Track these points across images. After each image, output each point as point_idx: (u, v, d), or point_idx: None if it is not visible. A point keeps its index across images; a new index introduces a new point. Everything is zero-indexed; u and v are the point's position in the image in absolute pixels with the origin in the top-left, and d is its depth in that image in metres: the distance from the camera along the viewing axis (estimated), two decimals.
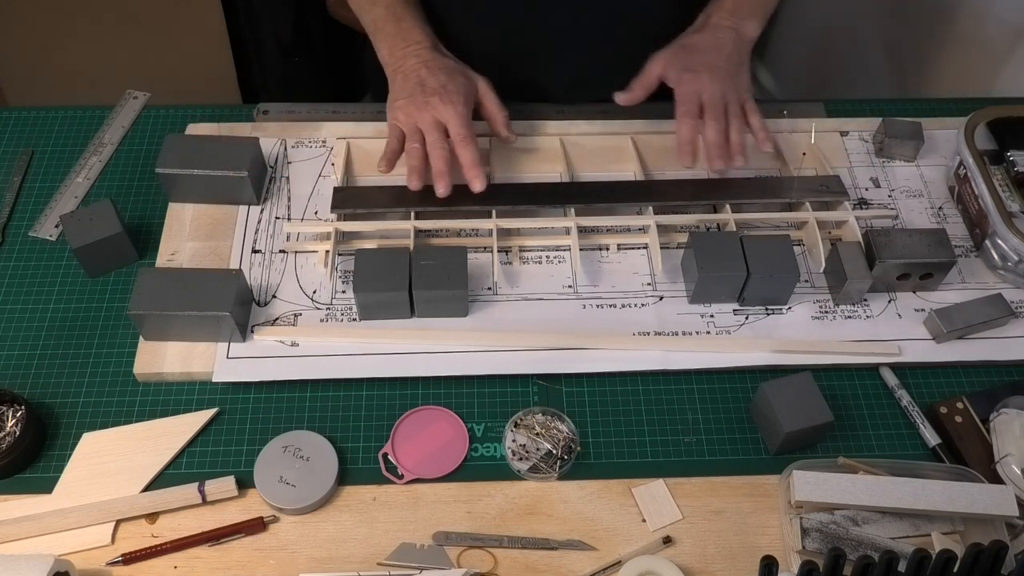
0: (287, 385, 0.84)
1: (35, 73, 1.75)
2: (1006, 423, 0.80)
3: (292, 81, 1.87)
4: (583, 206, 0.94)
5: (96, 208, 0.89)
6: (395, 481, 0.78)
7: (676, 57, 0.92)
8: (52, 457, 0.79)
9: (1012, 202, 0.94)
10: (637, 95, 0.94)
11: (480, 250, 0.93)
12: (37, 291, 0.90)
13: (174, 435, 0.80)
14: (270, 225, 0.94)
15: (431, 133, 0.88)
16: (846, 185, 0.97)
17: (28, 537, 0.74)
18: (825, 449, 0.82)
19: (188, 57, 1.75)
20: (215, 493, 0.76)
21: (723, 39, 0.93)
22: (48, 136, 1.03)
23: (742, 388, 0.85)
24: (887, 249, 0.88)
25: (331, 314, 0.87)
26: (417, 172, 0.87)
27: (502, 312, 0.88)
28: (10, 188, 0.98)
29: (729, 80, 0.91)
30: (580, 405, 0.84)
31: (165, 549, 0.74)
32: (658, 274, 0.91)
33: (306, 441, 0.79)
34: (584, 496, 0.78)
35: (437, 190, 0.87)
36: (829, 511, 0.76)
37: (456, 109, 0.88)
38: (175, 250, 0.92)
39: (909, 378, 0.86)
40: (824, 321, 0.89)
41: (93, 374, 0.84)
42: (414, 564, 0.74)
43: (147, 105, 1.07)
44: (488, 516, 0.77)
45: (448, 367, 0.84)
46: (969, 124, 0.98)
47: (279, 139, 1.01)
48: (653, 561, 0.73)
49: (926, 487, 0.75)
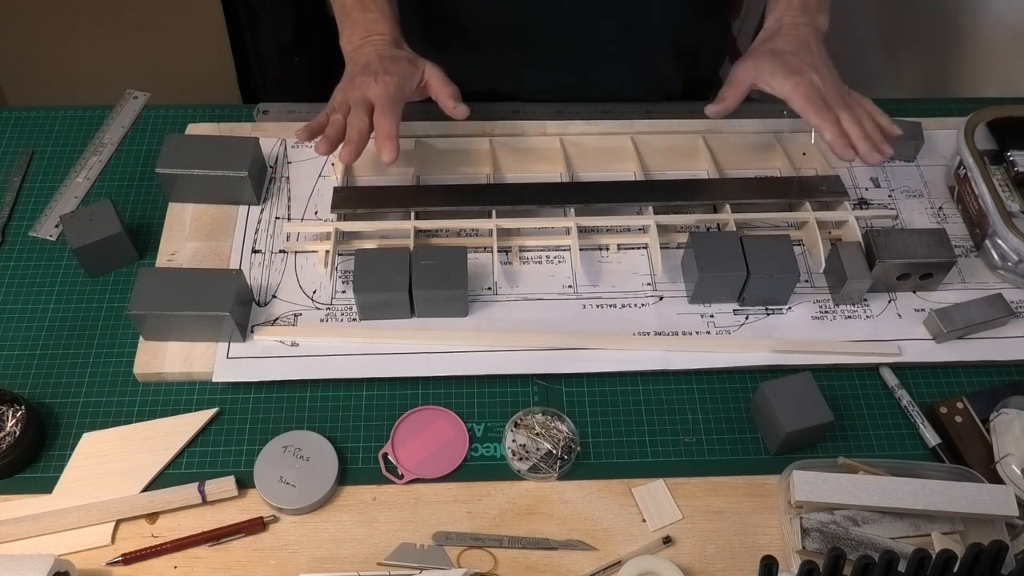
0: (287, 385, 0.84)
1: (35, 73, 1.74)
2: (1006, 423, 0.80)
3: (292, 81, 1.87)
4: (583, 206, 0.94)
5: (96, 208, 0.89)
6: (395, 481, 0.78)
7: (769, 63, 0.90)
8: (52, 457, 0.79)
9: (1012, 202, 0.94)
10: (730, 105, 0.92)
11: (480, 250, 0.93)
12: (37, 291, 0.90)
13: (174, 435, 0.80)
14: (270, 225, 0.94)
15: (355, 107, 0.86)
16: (846, 185, 0.97)
17: (28, 537, 0.74)
18: (825, 449, 0.82)
19: (188, 57, 1.75)
20: (215, 493, 0.76)
21: (806, 37, 0.92)
22: (48, 136, 1.03)
23: (742, 388, 0.85)
24: (887, 249, 0.88)
25: (331, 314, 0.87)
26: (328, 139, 0.85)
27: (502, 312, 0.88)
28: (10, 188, 0.98)
29: (832, 75, 0.91)
30: (580, 405, 0.84)
31: (165, 549, 0.74)
32: (658, 274, 0.91)
33: (306, 441, 0.79)
34: (584, 496, 0.78)
35: (341, 156, 0.85)
36: (829, 511, 0.76)
37: (386, 88, 0.87)
38: (175, 250, 0.92)
39: (909, 378, 0.86)
40: (824, 321, 0.89)
41: (93, 374, 0.84)
42: (414, 564, 0.74)
43: (147, 105, 1.07)
44: (488, 516, 0.77)
45: (448, 367, 0.84)
46: (969, 124, 0.98)
47: (279, 139, 1.01)
48: (653, 561, 0.73)
49: (926, 487, 0.75)
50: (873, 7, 1.63)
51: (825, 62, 0.91)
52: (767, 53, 0.92)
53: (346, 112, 0.86)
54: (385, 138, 0.84)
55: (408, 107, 0.91)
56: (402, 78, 0.88)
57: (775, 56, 0.91)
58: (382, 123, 0.85)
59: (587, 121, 1.03)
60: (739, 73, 0.92)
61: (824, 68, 0.90)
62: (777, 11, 0.95)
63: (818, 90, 0.88)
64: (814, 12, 0.94)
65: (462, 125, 0.93)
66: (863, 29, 1.67)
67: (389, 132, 0.85)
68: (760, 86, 0.91)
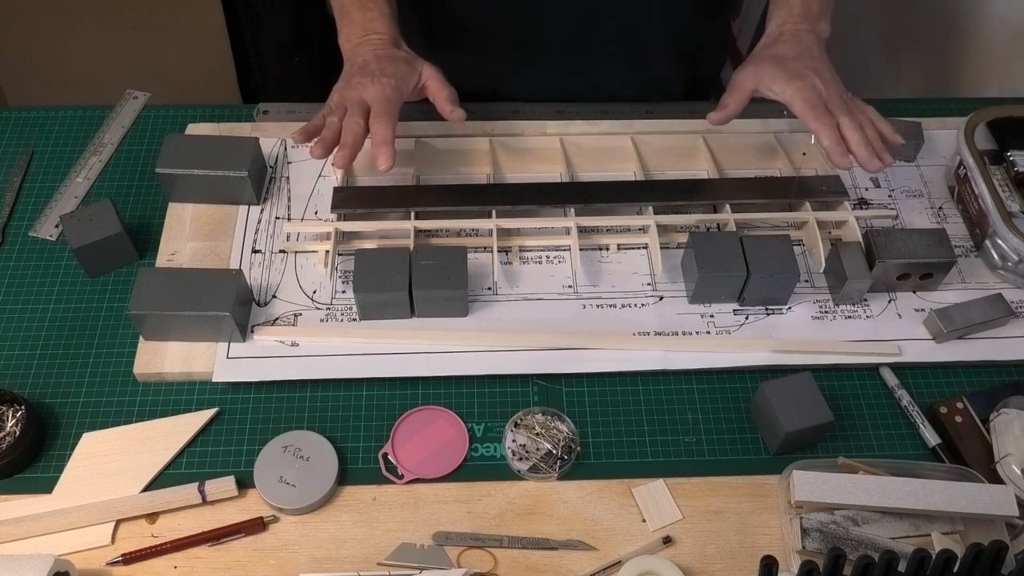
0: (287, 385, 0.84)
1: (35, 73, 1.74)
2: (1006, 423, 0.80)
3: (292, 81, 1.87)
4: (583, 206, 0.94)
5: (96, 208, 0.89)
6: (395, 481, 0.78)
7: (770, 68, 0.90)
8: (52, 457, 0.79)
9: (1012, 202, 0.94)
10: (733, 111, 0.91)
11: (480, 250, 0.93)
12: (37, 291, 0.90)
13: (174, 435, 0.80)
14: (270, 225, 0.94)
15: (351, 110, 0.86)
16: (846, 185, 0.97)
17: (28, 537, 0.74)
18: (825, 449, 0.82)
19: (188, 57, 1.75)
20: (215, 493, 0.76)
21: (808, 43, 0.92)
22: (48, 136, 1.03)
23: (742, 388, 0.85)
24: (887, 249, 0.88)
25: (331, 314, 0.87)
26: (323, 142, 0.85)
27: (502, 312, 0.88)
28: (10, 188, 0.98)
29: (835, 80, 0.90)
30: (580, 405, 0.84)
31: (165, 549, 0.74)
32: (658, 274, 0.91)
33: (306, 441, 0.79)
34: (584, 496, 0.78)
35: (334, 160, 0.85)
36: (829, 511, 0.76)
37: (383, 90, 0.86)
38: (175, 250, 0.92)
39: (909, 378, 0.86)
40: (824, 321, 0.89)
41: (93, 374, 0.84)
42: (414, 564, 0.74)
43: (147, 105, 1.07)
44: (488, 516, 0.77)
45: (448, 367, 0.84)
46: (969, 124, 0.98)
47: (279, 139, 1.01)
48: (653, 561, 0.73)
49: (926, 487, 0.75)
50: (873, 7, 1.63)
51: (827, 68, 0.91)
52: (768, 59, 0.91)
53: (342, 114, 0.86)
54: (381, 144, 0.84)
55: (408, 107, 0.91)
56: (399, 80, 0.88)
57: (777, 61, 0.90)
58: (378, 128, 0.85)
59: (587, 121, 1.03)
60: (740, 79, 0.92)
61: (827, 73, 0.90)
62: (778, 18, 0.95)
63: (819, 95, 0.88)
64: (816, 19, 0.94)
65: (462, 125, 0.93)
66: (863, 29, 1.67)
67: (385, 138, 0.84)
68: (762, 91, 0.90)
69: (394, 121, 0.86)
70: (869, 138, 0.87)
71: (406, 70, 0.89)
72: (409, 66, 0.90)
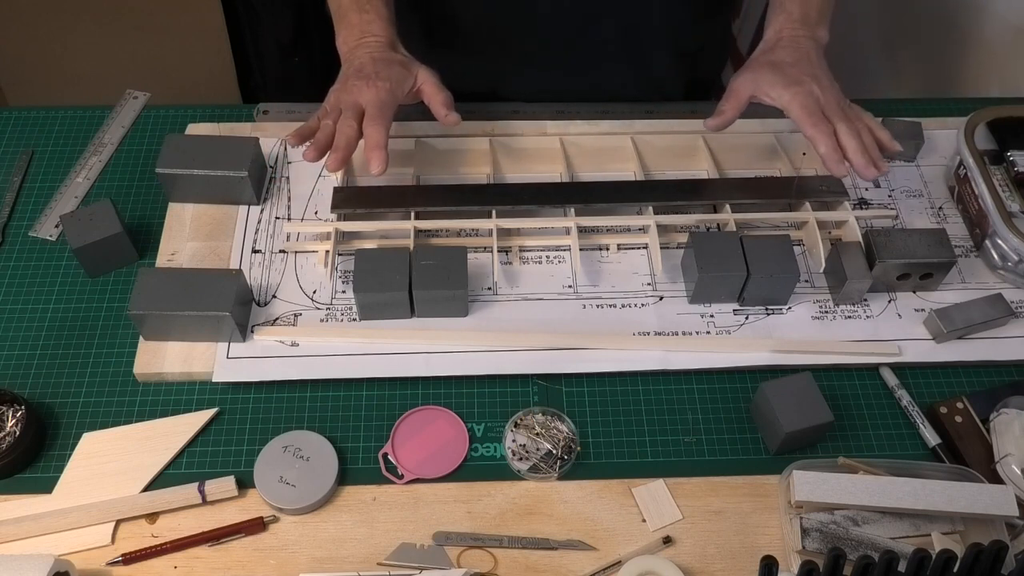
0: (287, 385, 0.84)
1: (35, 73, 1.75)
2: (1006, 423, 0.80)
3: (292, 81, 1.87)
4: (583, 206, 0.94)
5: (96, 208, 0.89)
6: (395, 481, 0.78)
7: (768, 74, 0.90)
8: (52, 457, 0.79)
9: (1012, 202, 0.94)
10: (729, 118, 0.91)
11: (480, 250, 0.93)
12: (37, 291, 0.90)
13: (174, 435, 0.80)
14: (270, 225, 0.94)
15: (345, 113, 0.86)
16: (846, 185, 0.97)
17: (28, 537, 0.74)
18: (825, 449, 0.82)
19: (188, 57, 1.75)
20: (215, 493, 0.76)
21: (807, 49, 0.92)
22: (48, 136, 1.03)
23: (742, 388, 0.85)
24: (887, 249, 0.88)
25: (331, 314, 0.87)
26: (317, 145, 0.85)
27: (502, 312, 0.88)
28: (10, 188, 0.98)
29: (833, 87, 0.90)
30: (580, 405, 0.84)
31: (165, 549, 0.74)
32: (658, 274, 0.91)
33: (306, 441, 0.79)
34: (584, 496, 0.78)
35: (327, 163, 0.85)
36: (829, 511, 0.76)
37: (377, 94, 0.86)
38: (175, 250, 0.92)
39: (909, 378, 0.86)
40: (824, 321, 0.89)
41: (93, 374, 0.84)
42: (414, 564, 0.74)
43: (147, 105, 1.07)
44: (488, 516, 0.77)
45: (448, 367, 0.84)
46: (969, 124, 0.98)
47: (279, 139, 1.01)
48: (653, 561, 0.73)
49: (926, 487, 0.75)
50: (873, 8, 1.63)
51: (826, 74, 0.91)
52: (766, 64, 0.91)
53: (337, 117, 0.86)
54: (374, 148, 0.84)
55: (408, 107, 0.91)
56: (395, 83, 0.88)
57: (774, 67, 0.90)
58: (371, 132, 0.85)
59: (587, 121, 1.03)
60: (737, 85, 0.91)
61: (825, 80, 0.90)
62: (776, 23, 0.94)
63: (817, 101, 0.88)
64: (814, 24, 0.93)
65: (462, 125, 0.93)
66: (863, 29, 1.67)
67: (378, 142, 0.84)
68: (759, 97, 0.90)
69: (388, 125, 0.86)
70: (866, 145, 0.87)
71: (402, 73, 0.89)
72: (405, 69, 0.90)
